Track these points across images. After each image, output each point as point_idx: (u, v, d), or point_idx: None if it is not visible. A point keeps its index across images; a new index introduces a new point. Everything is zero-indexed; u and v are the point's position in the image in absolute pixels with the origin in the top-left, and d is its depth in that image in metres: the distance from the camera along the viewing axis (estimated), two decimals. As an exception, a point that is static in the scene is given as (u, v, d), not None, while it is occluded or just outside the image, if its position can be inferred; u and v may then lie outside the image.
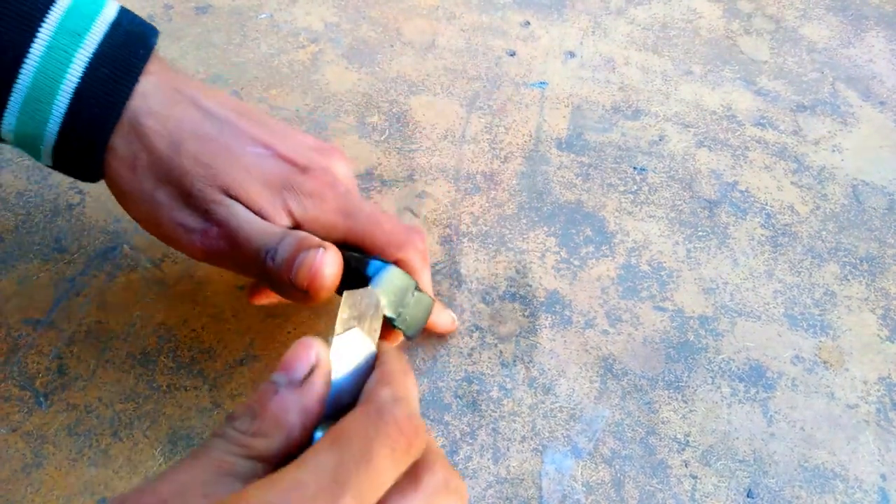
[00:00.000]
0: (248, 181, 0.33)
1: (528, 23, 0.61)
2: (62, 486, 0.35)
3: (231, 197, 0.33)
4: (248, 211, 0.33)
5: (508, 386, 0.40)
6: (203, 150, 0.33)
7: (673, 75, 0.58)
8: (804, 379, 0.42)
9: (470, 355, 0.41)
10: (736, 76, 0.58)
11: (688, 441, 0.39)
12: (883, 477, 0.38)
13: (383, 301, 0.32)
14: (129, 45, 0.32)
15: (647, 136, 0.53)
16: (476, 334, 0.42)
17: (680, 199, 0.50)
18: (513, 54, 0.58)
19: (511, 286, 0.44)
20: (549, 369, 0.41)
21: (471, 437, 0.38)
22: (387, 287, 0.33)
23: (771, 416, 0.40)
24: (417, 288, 0.34)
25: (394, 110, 0.53)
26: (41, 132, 0.32)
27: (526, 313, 0.43)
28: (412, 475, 0.23)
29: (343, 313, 0.27)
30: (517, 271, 0.45)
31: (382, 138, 0.51)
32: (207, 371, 0.39)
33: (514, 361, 0.41)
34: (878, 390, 0.42)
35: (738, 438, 0.39)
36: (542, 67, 0.57)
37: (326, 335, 0.41)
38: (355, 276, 0.34)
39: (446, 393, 0.40)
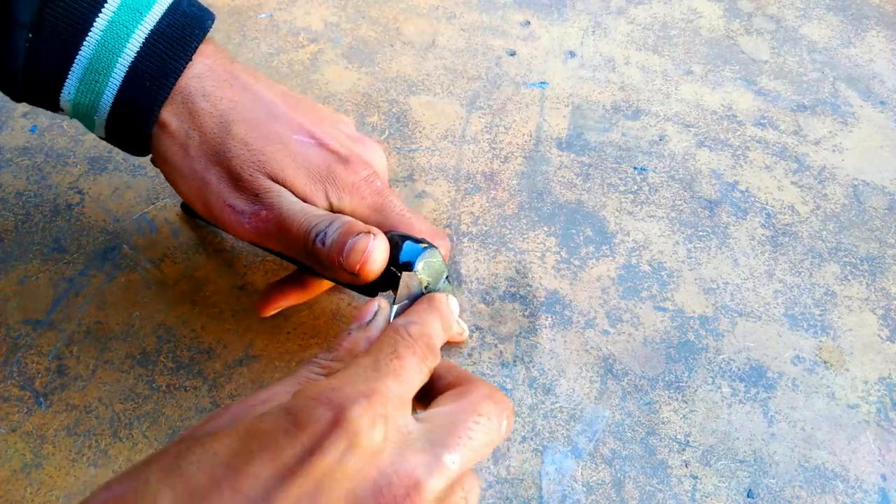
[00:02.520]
0: (294, 169, 0.35)
1: (528, 22, 0.61)
2: (62, 486, 0.35)
3: (278, 183, 0.34)
4: (295, 197, 0.35)
5: (508, 386, 0.40)
6: (253, 134, 0.34)
7: (673, 75, 0.58)
8: (804, 379, 0.42)
9: (470, 355, 0.41)
10: (736, 76, 0.58)
11: (688, 441, 0.39)
12: (883, 477, 0.38)
13: (424, 283, 0.34)
14: (186, 26, 0.34)
15: (647, 136, 0.53)
16: (476, 334, 0.42)
17: (680, 199, 0.50)
18: (513, 54, 0.58)
19: (511, 286, 0.44)
20: (549, 369, 0.41)
21: (471, 437, 0.38)
22: (428, 268, 0.34)
23: (771, 416, 0.40)
24: (448, 279, 0.36)
25: (394, 110, 0.53)
26: (97, 102, 0.33)
27: (526, 313, 0.43)
28: (459, 389, 0.28)
29: (402, 290, 0.33)
30: (517, 271, 0.45)
31: (382, 138, 0.51)
32: (207, 371, 0.39)
33: (514, 361, 0.41)
34: (879, 390, 0.42)
35: (738, 438, 0.39)
36: (542, 67, 0.57)
37: (326, 335, 0.41)
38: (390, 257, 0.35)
39: (446, 393, 0.40)
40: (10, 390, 0.38)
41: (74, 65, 0.32)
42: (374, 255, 0.32)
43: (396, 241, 0.35)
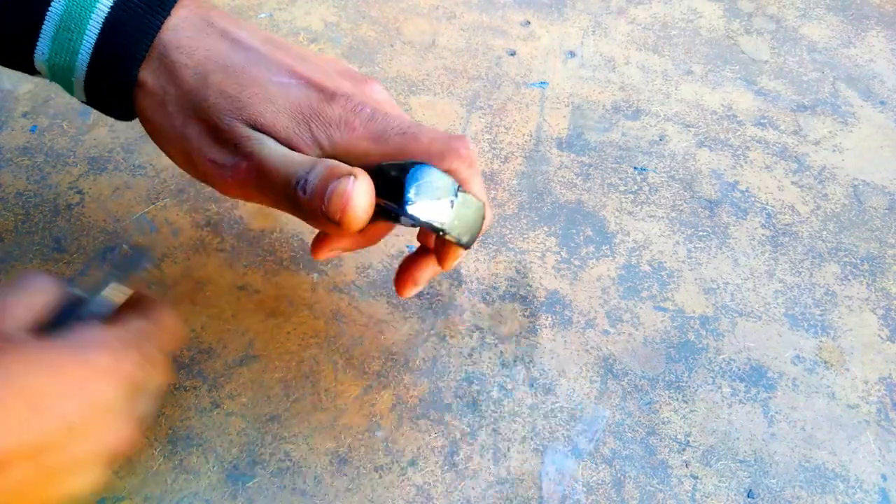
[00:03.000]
0: (273, 112, 0.32)
1: (529, 22, 0.61)
2: (62, 486, 0.35)
3: (258, 130, 0.32)
4: (276, 143, 0.32)
5: (509, 386, 0.40)
6: (229, 81, 0.32)
7: (673, 75, 0.58)
8: (805, 379, 0.42)
9: (470, 355, 0.41)
10: (736, 76, 0.58)
11: (688, 441, 0.39)
12: (884, 477, 0.38)
13: (423, 214, 0.30)
14: None
15: (647, 136, 0.53)
16: (476, 334, 0.42)
17: (680, 199, 0.50)
18: (513, 54, 0.58)
19: (511, 286, 0.44)
20: (549, 369, 0.41)
21: (471, 437, 0.38)
22: (425, 191, 0.29)
23: (771, 416, 0.40)
24: (462, 189, 0.31)
25: (394, 110, 0.53)
26: (73, 62, 0.32)
27: (526, 313, 0.43)
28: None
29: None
30: (517, 271, 0.45)
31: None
32: (207, 371, 0.39)
33: (515, 361, 0.41)
34: (879, 390, 0.42)
35: (738, 438, 0.39)
36: (542, 67, 0.57)
37: (326, 335, 0.41)
38: (395, 187, 0.30)
39: (446, 393, 0.40)
40: (10, 390, 0.38)
41: (46, 21, 0.31)
42: (355, 199, 0.29)
43: (394, 171, 0.30)
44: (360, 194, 0.29)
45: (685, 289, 0.45)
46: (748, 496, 0.37)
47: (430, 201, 0.29)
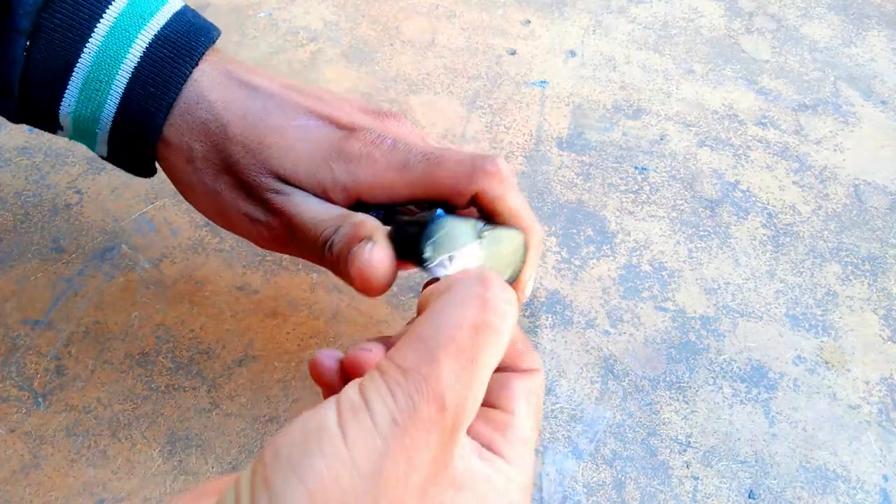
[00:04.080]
0: (294, 159, 0.32)
1: (529, 21, 0.61)
2: (60, 486, 0.35)
3: (284, 180, 0.32)
4: (305, 195, 0.32)
5: (509, 386, 0.40)
6: (248, 133, 0.32)
7: (674, 74, 0.58)
8: (806, 379, 0.42)
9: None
10: (737, 75, 0.58)
11: (689, 442, 0.39)
12: (885, 478, 0.38)
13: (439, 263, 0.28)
14: (191, 34, 0.32)
15: (648, 136, 0.53)
16: (476, 334, 0.42)
17: (681, 199, 0.50)
18: (513, 53, 0.58)
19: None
20: (549, 370, 0.41)
21: (471, 437, 0.38)
22: (443, 245, 0.27)
23: (773, 416, 0.40)
24: (489, 225, 0.29)
25: (394, 109, 0.53)
26: (98, 114, 0.32)
27: (526, 313, 0.43)
28: None
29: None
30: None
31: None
32: (206, 371, 0.39)
33: (515, 362, 0.41)
34: (881, 391, 0.42)
35: (739, 439, 0.39)
36: (542, 66, 0.57)
37: (325, 335, 0.41)
38: (416, 245, 0.28)
39: (446, 393, 0.39)
40: (8, 391, 0.38)
41: (74, 73, 0.31)
42: (373, 271, 0.28)
43: (412, 227, 0.28)
44: (378, 264, 0.28)
45: (686, 289, 0.45)
46: (749, 497, 0.37)
47: (453, 252, 0.28)
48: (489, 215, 0.31)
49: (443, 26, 0.59)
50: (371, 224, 0.30)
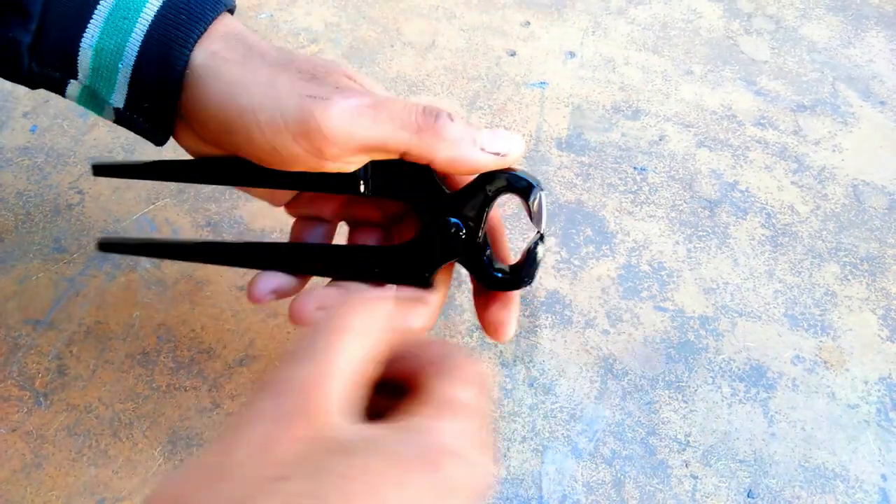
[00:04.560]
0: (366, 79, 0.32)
1: (529, 23, 0.61)
2: (62, 486, 0.35)
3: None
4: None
5: (508, 386, 0.40)
6: (307, 62, 0.31)
7: (673, 75, 0.58)
8: (805, 379, 0.42)
9: (470, 355, 0.41)
10: (736, 76, 0.58)
11: (688, 441, 0.39)
12: (883, 477, 0.38)
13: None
14: None
15: (647, 136, 0.53)
16: (476, 334, 0.42)
17: (680, 199, 0.50)
18: (513, 54, 0.58)
19: (511, 286, 0.44)
20: (549, 369, 0.41)
21: (471, 437, 0.38)
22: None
23: (771, 416, 0.40)
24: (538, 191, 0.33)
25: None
26: (123, 45, 0.30)
27: (526, 313, 0.43)
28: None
29: None
30: (517, 271, 0.45)
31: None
32: (207, 371, 0.39)
33: (515, 361, 0.41)
34: (879, 390, 0.42)
35: (738, 438, 0.39)
36: (542, 67, 0.57)
37: (326, 335, 0.41)
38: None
39: (446, 393, 0.40)
40: (10, 390, 0.38)
41: (100, 4, 0.29)
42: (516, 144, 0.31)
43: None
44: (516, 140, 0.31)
45: (685, 289, 0.45)
46: (748, 496, 0.37)
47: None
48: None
49: (443, 28, 0.59)
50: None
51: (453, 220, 0.32)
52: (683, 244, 0.47)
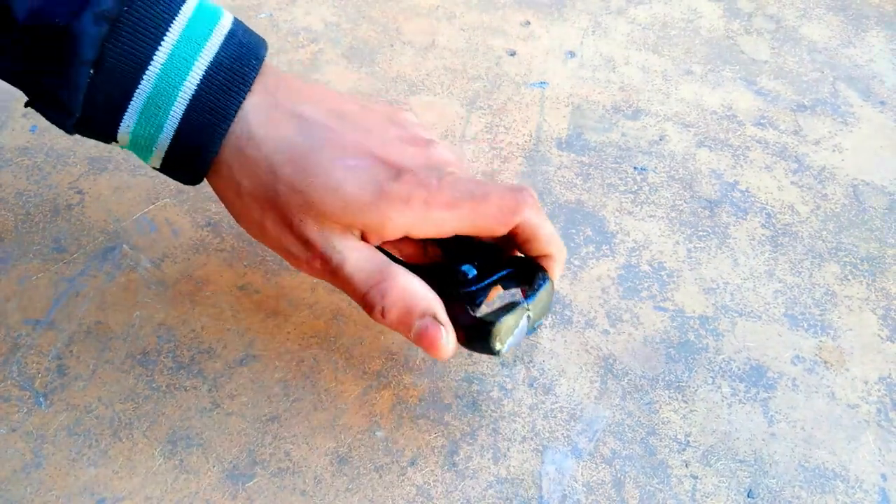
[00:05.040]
0: (341, 200, 0.32)
1: (529, 22, 0.61)
2: (62, 486, 0.35)
3: (327, 219, 0.33)
4: (348, 241, 0.33)
5: (508, 386, 0.40)
6: (298, 175, 0.32)
7: (673, 75, 0.58)
8: (805, 379, 0.42)
9: (470, 355, 0.41)
10: (736, 76, 0.58)
11: (688, 441, 0.39)
12: (883, 477, 0.38)
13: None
14: (242, 57, 0.33)
15: (647, 136, 0.53)
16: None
17: (680, 199, 0.50)
18: (513, 54, 0.58)
19: (511, 286, 0.44)
20: (549, 369, 0.41)
21: (471, 437, 0.38)
22: (506, 335, 0.34)
23: (771, 416, 0.40)
24: (529, 295, 0.35)
25: (394, 110, 0.53)
26: (157, 135, 0.32)
27: (526, 313, 0.43)
28: None
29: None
30: (517, 271, 0.45)
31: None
32: (207, 371, 0.39)
33: (514, 361, 0.41)
34: (879, 390, 0.42)
35: (738, 438, 0.39)
36: (542, 67, 0.57)
37: (326, 335, 0.41)
38: (485, 339, 0.34)
39: (446, 393, 0.40)
40: (10, 390, 0.38)
41: (135, 97, 0.31)
42: (445, 349, 0.33)
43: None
44: (449, 346, 0.33)
45: (685, 289, 0.45)
46: (748, 496, 0.37)
47: (512, 338, 0.34)
48: (525, 240, 0.35)
49: (443, 27, 0.59)
50: (421, 297, 0.33)
51: (464, 268, 0.36)
52: (683, 244, 0.47)
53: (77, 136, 0.49)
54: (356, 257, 0.33)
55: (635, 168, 0.51)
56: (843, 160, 0.53)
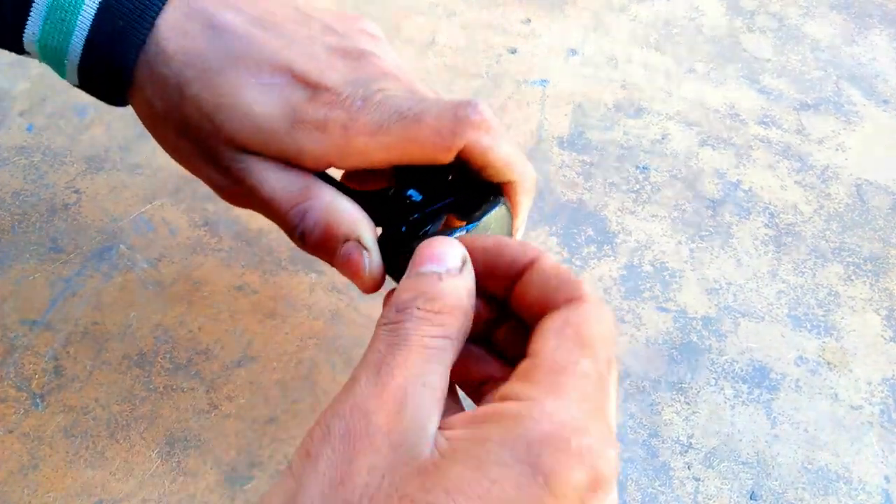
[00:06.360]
0: (253, 127, 0.28)
1: (529, 20, 0.60)
2: (59, 487, 0.35)
3: (242, 147, 0.29)
4: (266, 165, 0.29)
5: (509, 387, 0.40)
6: (204, 94, 0.28)
7: (675, 73, 0.57)
8: (808, 380, 0.41)
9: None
10: (739, 74, 0.58)
11: (691, 443, 0.39)
12: (887, 479, 0.38)
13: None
14: None
15: (649, 135, 0.53)
16: (476, 335, 0.42)
17: (683, 199, 0.49)
18: (514, 52, 0.58)
19: (512, 286, 0.44)
20: (550, 370, 0.41)
21: (471, 439, 0.38)
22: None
23: (774, 417, 0.40)
24: (474, 220, 0.29)
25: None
26: (65, 46, 0.29)
27: (527, 314, 0.43)
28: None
29: None
30: (518, 271, 0.44)
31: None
32: (204, 372, 0.39)
33: (515, 362, 0.41)
34: (883, 391, 0.41)
35: (741, 440, 0.39)
36: (543, 65, 0.57)
37: (325, 335, 0.41)
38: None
39: (446, 394, 0.39)
40: (6, 391, 0.38)
41: (37, 1, 0.28)
42: (366, 278, 0.28)
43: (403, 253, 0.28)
44: (375, 269, 0.29)
45: (687, 289, 0.45)
46: (751, 498, 0.37)
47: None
48: (480, 168, 0.30)
49: (443, 25, 0.59)
50: (346, 217, 0.29)
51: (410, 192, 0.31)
52: (686, 244, 0.47)
53: (74, 135, 0.49)
54: (275, 178, 0.29)
55: (637, 167, 0.51)
56: (846, 159, 0.53)
